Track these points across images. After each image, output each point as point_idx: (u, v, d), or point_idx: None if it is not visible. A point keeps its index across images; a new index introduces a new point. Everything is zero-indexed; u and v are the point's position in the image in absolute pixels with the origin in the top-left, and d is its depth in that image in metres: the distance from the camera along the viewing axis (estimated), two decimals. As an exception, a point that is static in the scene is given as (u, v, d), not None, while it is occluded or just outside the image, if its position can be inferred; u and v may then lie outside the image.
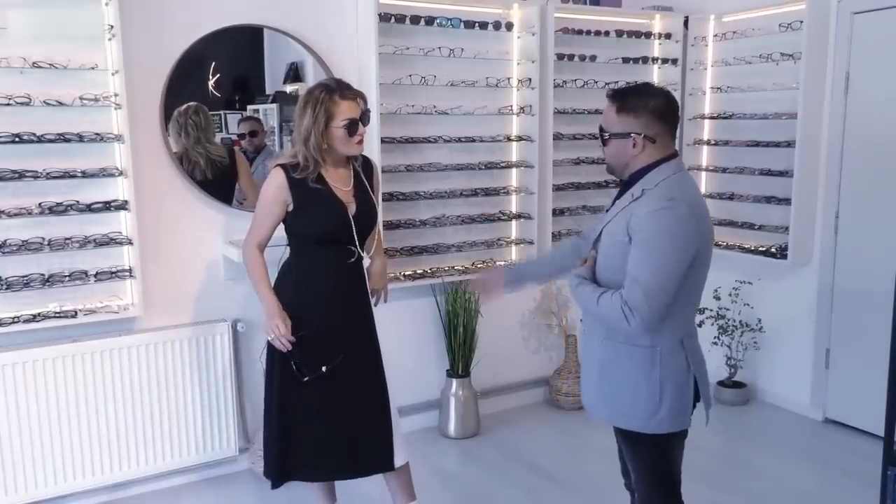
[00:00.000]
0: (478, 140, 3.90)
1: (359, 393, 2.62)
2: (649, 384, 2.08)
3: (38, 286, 2.99)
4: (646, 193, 2.04)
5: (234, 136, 3.51)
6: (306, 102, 2.45)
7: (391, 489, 2.81)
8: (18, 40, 2.88)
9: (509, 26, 3.95)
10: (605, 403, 2.17)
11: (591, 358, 2.20)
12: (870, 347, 3.73)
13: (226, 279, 3.44)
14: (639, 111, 2.07)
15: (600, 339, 2.14)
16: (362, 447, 2.63)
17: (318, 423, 2.58)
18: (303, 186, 2.48)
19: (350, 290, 2.62)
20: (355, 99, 2.48)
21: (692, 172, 4.56)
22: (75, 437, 3.13)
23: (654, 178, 2.06)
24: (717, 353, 4.42)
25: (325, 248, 2.55)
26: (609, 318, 2.03)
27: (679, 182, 2.07)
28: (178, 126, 3.28)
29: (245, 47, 3.50)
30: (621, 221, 2.05)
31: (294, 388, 2.55)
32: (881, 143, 3.70)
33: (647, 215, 1.98)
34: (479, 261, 3.97)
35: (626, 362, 2.09)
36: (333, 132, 2.45)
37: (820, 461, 3.65)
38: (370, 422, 2.64)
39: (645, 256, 1.97)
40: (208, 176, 3.36)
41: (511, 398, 4.25)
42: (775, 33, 3.99)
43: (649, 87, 2.17)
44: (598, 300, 2.03)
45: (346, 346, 2.58)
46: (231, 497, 3.34)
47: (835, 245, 3.95)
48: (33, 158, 2.95)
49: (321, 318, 2.55)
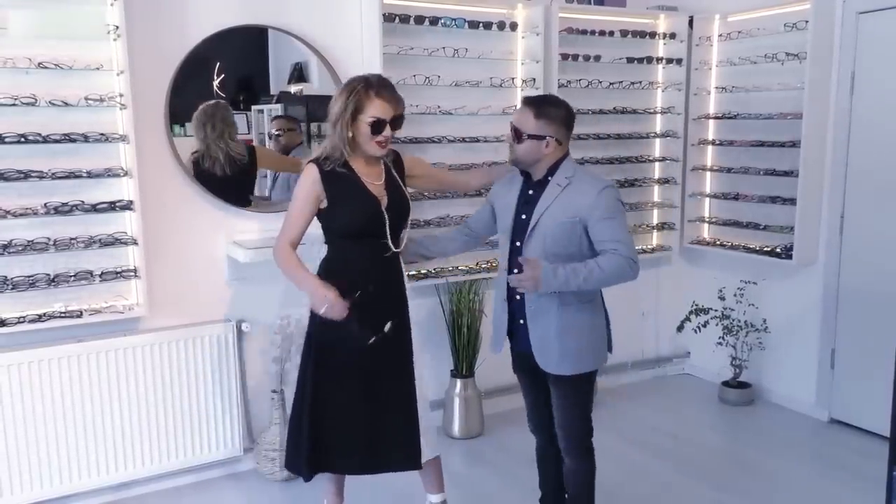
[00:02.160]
0: (482, 140, 3.90)
1: (388, 390, 2.63)
2: (596, 329, 2.60)
3: (44, 286, 3.00)
4: (572, 182, 2.48)
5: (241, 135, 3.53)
6: (342, 90, 2.51)
7: (422, 477, 2.86)
8: (24, 41, 2.89)
9: (513, 26, 3.95)
10: (564, 359, 2.53)
11: (548, 325, 2.53)
12: (875, 347, 3.72)
13: (230, 279, 3.45)
14: (552, 119, 2.50)
15: (556, 306, 2.51)
16: (391, 444, 2.65)
17: (350, 416, 2.59)
18: (336, 181, 2.51)
19: (386, 285, 2.63)
20: (391, 101, 2.49)
21: (696, 172, 4.57)
22: (80, 436, 3.13)
23: (566, 170, 2.52)
24: (722, 353, 4.41)
25: (359, 242, 2.58)
26: (614, 275, 2.41)
27: (586, 170, 2.59)
28: (203, 119, 3.30)
29: (249, 47, 3.50)
30: (563, 207, 2.46)
31: (328, 381, 2.58)
32: (886, 142, 3.69)
33: (598, 195, 2.44)
34: (484, 260, 3.97)
35: (582, 318, 2.54)
36: (359, 126, 2.48)
37: (825, 462, 3.64)
38: (398, 420, 2.65)
39: (614, 223, 2.44)
40: (227, 172, 3.37)
41: (515, 398, 4.23)
42: (780, 33, 3.99)
43: (557, 98, 2.64)
44: (599, 266, 2.40)
45: (382, 341, 2.60)
46: (235, 497, 3.35)
47: (840, 245, 3.94)
48: (39, 158, 2.95)
49: (357, 311, 2.55)
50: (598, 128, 4.27)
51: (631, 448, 3.76)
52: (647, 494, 3.32)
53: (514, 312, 2.63)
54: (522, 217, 2.56)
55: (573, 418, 2.63)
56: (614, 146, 4.38)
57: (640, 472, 3.53)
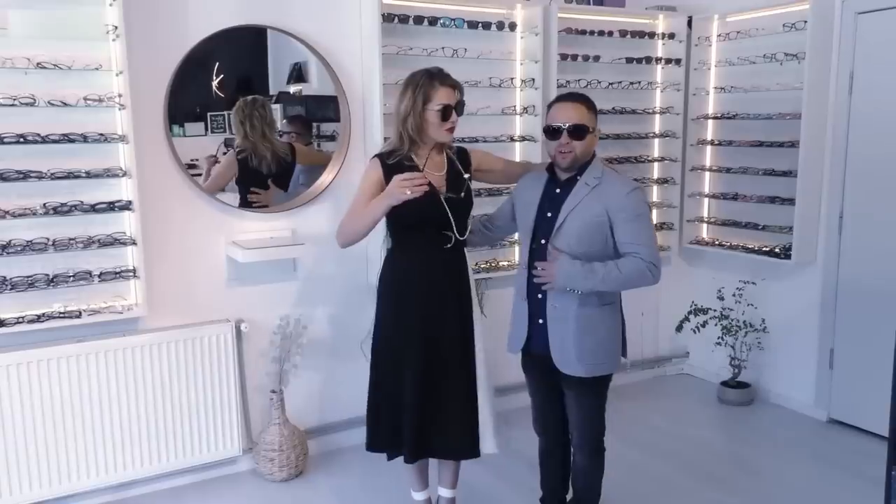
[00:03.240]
0: (481, 140, 3.90)
1: (447, 381, 2.67)
2: (615, 333, 2.60)
3: (43, 286, 2.99)
4: (602, 181, 2.49)
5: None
6: (407, 84, 2.61)
7: (440, 470, 2.90)
8: (23, 41, 2.88)
9: (512, 27, 3.95)
10: (582, 360, 2.52)
11: (566, 325, 2.53)
12: (874, 347, 3.72)
13: (229, 280, 3.45)
14: (596, 110, 2.56)
15: (576, 307, 2.50)
16: (450, 431, 2.69)
17: (414, 404, 2.63)
18: (398, 172, 2.54)
19: (448, 276, 2.67)
20: (453, 87, 2.61)
21: (695, 172, 4.58)
22: (79, 437, 3.13)
23: (595, 170, 2.53)
24: (721, 353, 4.42)
25: (421, 233, 2.63)
26: (633, 278, 2.43)
27: (614, 171, 2.60)
28: (241, 116, 3.36)
29: (249, 48, 3.50)
30: (591, 207, 2.46)
31: (387, 362, 2.68)
32: (885, 142, 3.69)
33: (626, 196, 2.45)
34: (483, 261, 3.97)
35: (601, 320, 2.54)
36: (428, 115, 2.56)
37: (824, 461, 3.64)
38: (457, 411, 2.69)
39: (640, 226, 2.46)
40: (273, 170, 3.46)
41: (516, 398, 4.24)
42: (779, 33, 3.99)
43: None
44: (618, 268, 2.42)
45: (440, 332, 2.64)
46: (235, 497, 3.35)
47: (839, 245, 3.94)
48: (38, 159, 2.95)
49: (417, 303, 2.63)
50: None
51: (629, 448, 3.76)
52: (645, 494, 3.33)
53: (534, 312, 2.62)
54: (548, 215, 2.56)
55: (588, 418, 2.65)
56: (613, 146, 4.38)
57: (639, 471, 3.53)
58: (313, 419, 3.71)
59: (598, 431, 2.69)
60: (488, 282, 3.91)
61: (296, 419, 3.55)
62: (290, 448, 3.42)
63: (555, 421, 2.75)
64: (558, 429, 2.75)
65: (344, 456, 3.67)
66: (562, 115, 2.51)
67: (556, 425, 2.75)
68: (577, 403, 2.63)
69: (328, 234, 3.61)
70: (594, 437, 2.68)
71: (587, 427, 2.66)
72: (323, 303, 3.67)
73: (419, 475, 2.91)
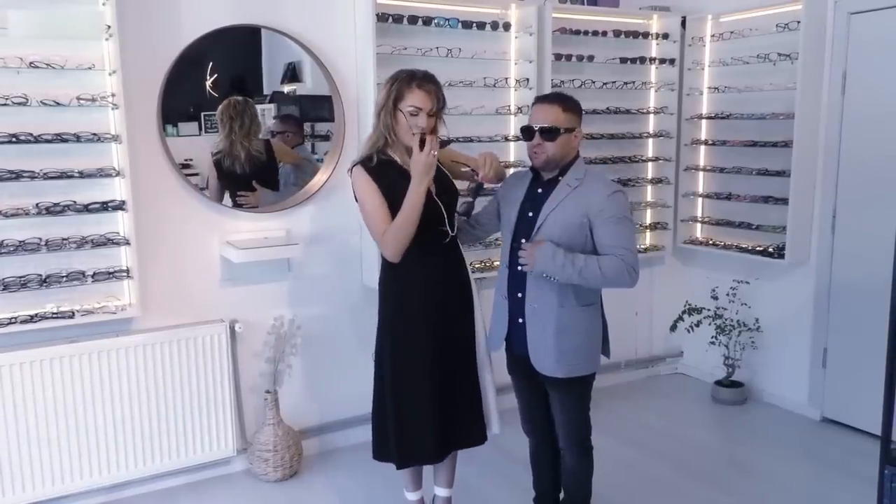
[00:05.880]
0: (475, 140, 3.90)
1: (458, 374, 2.69)
2: (594, 334, 2.59)
3: (36, 287, 2.98)
4: (584, 182, 2.49)
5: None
6: (388, 79, 2.58)
7: (435, 469, 2.89)
8: (15, 40, 2.87)
9: (507, 26, 3.95)
10: (560, 362, 2.52)
11: (546, 325, 2.52)
12: (867, 346, 3.74)
13: (223, 280, 3.44)
14: (576, 111, 2.53)
15: (556, 307, 2.50)
16: (461, 425, 2.71)
17: (427, 406, 2.62)
18: (384, 176, 2.53)
19: (450, 271, 2.68)
20: (430, 93, 2.53)
21: (689, 172, 4.59)
22: (72, 438, 3.12)
23: (577, 171, 2.53)
24: (715, 352, 4.43)
25: (420, 232, 2.55)
26: (611, 277, 2.40)
27: (597, 173, 2.58)
28: (231, 115, 3.35)
29: (243, 47, 3.49)
30: (572, 207, 2.46)
31: (405, 371, 2.63)
32: (878, 142, 3.71)
33: (606, 198, 2.44)
34: (478, 260, 3.97)
35: (580, 321, 2.53)
36: (398, 115, 2.52)
37: (817, 460, 3.66)
38: (468, 401, 2.72)
39: (621, 229, 2.44)
40: (247, 170, 3.44)
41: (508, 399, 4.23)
42: (772, 33, 4.00)
43: (565, 93, 2.60)
44: (598, 263, 2.39)
45: (449, 328, 2.65)
46: (229, 498, 3.34)
47: (832, 244, 3.95)
48: (30, 158, 2.94)
49: (424, 301, 2.61)
50: (592, 128, 4.27)
51: (623, 447, 3.76)
52: (638, 493, 3.33)
53: (514, 311, 2.63)
54: (529, 215, 2.56)
55: (571, 419, 2.65)
56: (607, 146, 4.39)
57: (633, 470, 3.54)
58: (308, 419, 3.70)
59: (584, 432, 2.69)
60: (482, 282, 3.90)
61: (290, 419, 3.54)
62: (284, 448, 3.42)
63: (541, 421, 2.75)
64: (545, 429, 2.75)
65: (338, 456, 3.66)
66: (535, 116, 2.53)
67: (544, 425, 2.75)
68: (560, 405, 2.64)
69: (322, 234, 3.62)
70: (580, 438, 2.68)
71: (572, 428, 2.66)
72: (317, 303, 3.66)
73: (413, 475, 2.90)
